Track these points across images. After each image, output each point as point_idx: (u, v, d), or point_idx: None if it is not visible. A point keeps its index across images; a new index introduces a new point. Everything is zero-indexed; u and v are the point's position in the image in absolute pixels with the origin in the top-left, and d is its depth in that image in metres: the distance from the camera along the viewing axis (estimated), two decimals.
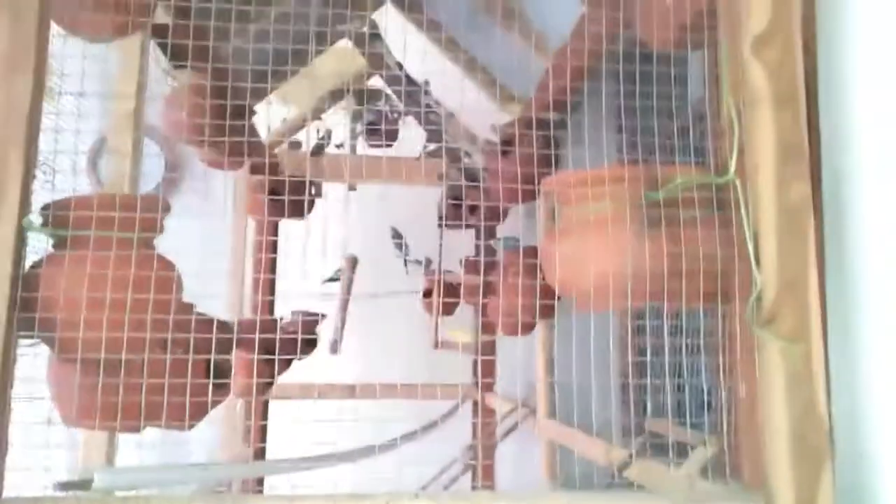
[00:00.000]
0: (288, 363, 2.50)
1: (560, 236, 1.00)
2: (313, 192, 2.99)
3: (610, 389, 1.99)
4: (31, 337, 0.90)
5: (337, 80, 3.74)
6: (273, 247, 2.95)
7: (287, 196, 2.66)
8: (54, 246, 0.93)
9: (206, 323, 1.00)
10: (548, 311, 2.03)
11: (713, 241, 0.98)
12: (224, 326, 1.10)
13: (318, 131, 3.43)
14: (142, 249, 0.92)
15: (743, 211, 0.94)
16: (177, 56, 1.64)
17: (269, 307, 2.90)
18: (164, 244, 1.02)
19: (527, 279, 1.97)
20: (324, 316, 2.87)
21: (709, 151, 1.15)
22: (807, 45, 1.04)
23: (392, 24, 2.96)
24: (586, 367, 1.17)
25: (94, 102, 1.32)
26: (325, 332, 2.54)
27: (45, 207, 0.92)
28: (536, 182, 2.21)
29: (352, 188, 3.79)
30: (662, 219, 0.95)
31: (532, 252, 2.16)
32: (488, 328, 2.73)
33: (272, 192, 2.72)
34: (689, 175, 0.98)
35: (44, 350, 0.94)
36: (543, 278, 1.02)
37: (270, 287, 2.87)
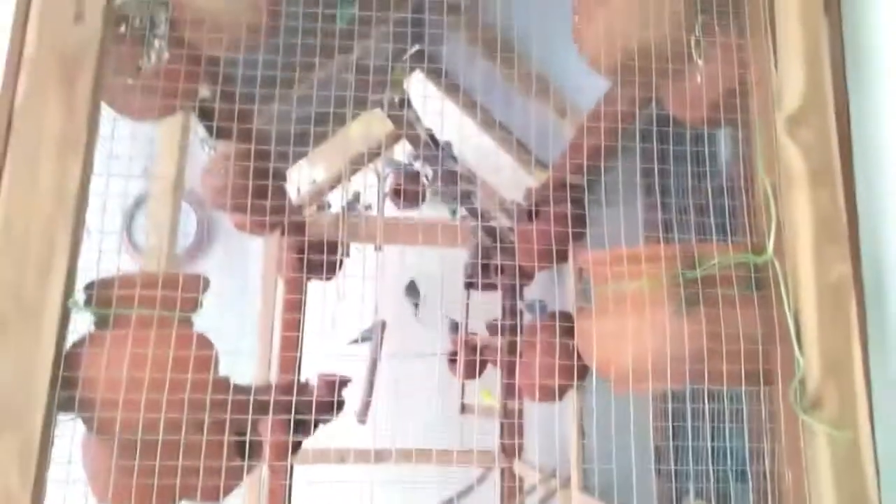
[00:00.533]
0: (314, 426, 2.48)
1: (597, 315, 0.99)
2: (341, 253, 3.02)
3: (650, 471, 1.94)
4: (71, 416, 0.91)
5: (365, 143, 3.81)
6: (300, 306, 2.97)
7: (313, 256, 2.70)
8: (96, 324, 0.94)
9: (242, 398, 1.00)
10: (580, 377, 2.01)
11: (752, 321, 0.96)
12: (260, 397, 1.10)
13: (346, 193, 3.48)
14: (182, 328, 0.93)
15: (783, 291, 0.93)
16: (216, 128, 1.69)
17: (297, 367, 2.90)
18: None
19: (560, 344, 1.96)
20: (350, 379, 2.86)
21: (739, 228, 1.15)
22: (839, 118, 1.04)
23: (423, 88, 3.03)
24: (625, 443, 1.15)
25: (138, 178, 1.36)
26: (352, 397, 2.53)
27: (89, 286, 0.94)
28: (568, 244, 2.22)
29: (378, 249, 3.82)
30: (701, 298, 0.94)
31: (564, 317, 2.16)
32: (518, 393, 2.70)
33: (301, 252, 2.75)
34: (727, 254, 0.97)
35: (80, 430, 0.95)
36: (579, 357, 1.01)
37: (297, 347, 2.88)
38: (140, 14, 1.05)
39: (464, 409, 2.87)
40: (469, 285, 2.94)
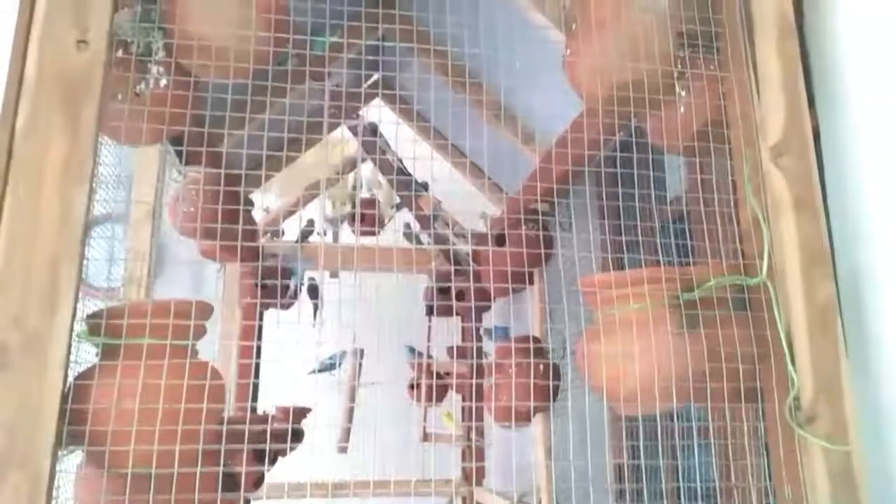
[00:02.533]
0: (273, 459, 2.43)
1: (604, 337, 1.02)
2: (299, 280, 3.00)
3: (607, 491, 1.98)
4: (75, 449, 0.88)
5: (321, 169, 3.79)
6: (258, 334, 2.92)
7: (270, 282, 2.67)
8: (102, 355, 0.92)
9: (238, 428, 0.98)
10: (545, 399, 2.05)
11: (747, 341, 1.01)
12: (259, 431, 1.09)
13: (301, 220, 3.45)
14: (193, 357, 0.91)
15: (776, 311, 0.98)
16: (186, 156, 1.67)
17: (254, 395, 2.84)
18: None
19: (524, 367, 1.99)
20: (309, 409, 2.82)
21: (719, 251, 1.21)
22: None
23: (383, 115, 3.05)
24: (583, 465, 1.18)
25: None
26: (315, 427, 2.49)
27: (95, 315, 0.91)
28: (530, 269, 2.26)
29: (333, 276, 3.79)
30: (700, 318, 0.99)
31: (525, 339, 2.19)
32: (478, 416, 2.71)
33: (256, 278, 2.71)
34: (722, 276, 1.02)
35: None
36: (588, 381, 1.04)
37: (255, 375, 2.82)
38: (137, 39, 1.04)
39: (426, 436, 2.86)
40: (430, 310, 2.95)
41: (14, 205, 0.88)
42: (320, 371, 3.36)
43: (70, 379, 0.89)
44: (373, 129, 2.31)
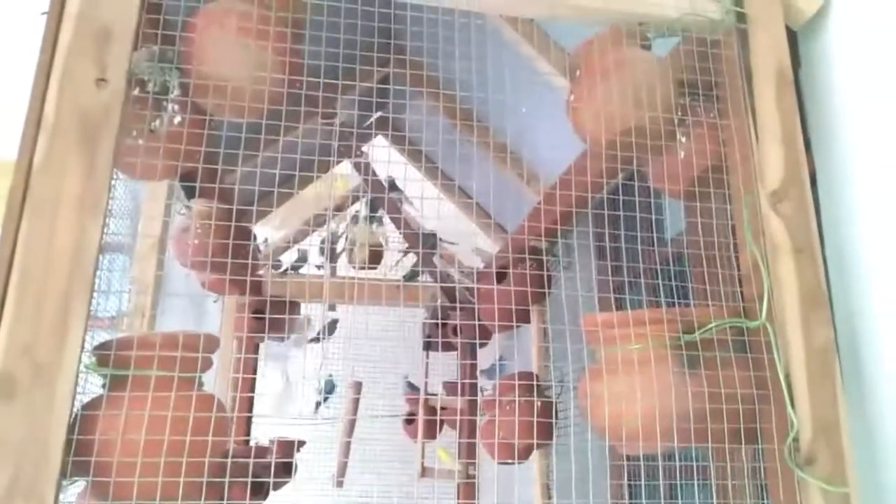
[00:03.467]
0: (265, 493, 2.41)
1: (607, 376, 1.04)
2: (296, 312, 3.01)
3: None
4: (77, 480, 0.89)
5: (319, 203, 3.82)
6: (253, 366, 2.91)
7: (270, 315, 2.67)
8: (109, 386, 0.92)
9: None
10: (545, 436, 2.04)
11: (746, 382, 1.02)
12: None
13: (298, 253, 3.46)
14: (199, 389, 0.92)
15: (776, 354, 1.00)
16: (192, 190, 1.70)
17: (247, 428, 2.83)
18: None
19: (525, 403, 1.99)
20: (304, 442, 2.80)
21: (718, 294, 1.23)
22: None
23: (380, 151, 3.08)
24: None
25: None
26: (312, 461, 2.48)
27: (103, 346, 0.92)
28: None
29: (331, 309, 3.79)
30: (701, 359, 1.00)
31: (527, 376, 2.19)
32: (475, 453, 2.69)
33: (255, 311, 2.72)
34: (722, 318, 1.04)
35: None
36: (589, 419, 1.05)
37: (249, 407, 2.81)
38: (153, 77, 1.07)
39: (424, 472, 2.84)
40: (428, 345, 2.95)
41: (29, 238, 0.90)
42: (325, 400, 3.35)
43: (76, 409, 0.90)
44: (391, 184, 2.34)
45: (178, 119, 1.08)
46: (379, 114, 2.99)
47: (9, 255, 0.89)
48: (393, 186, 2.59)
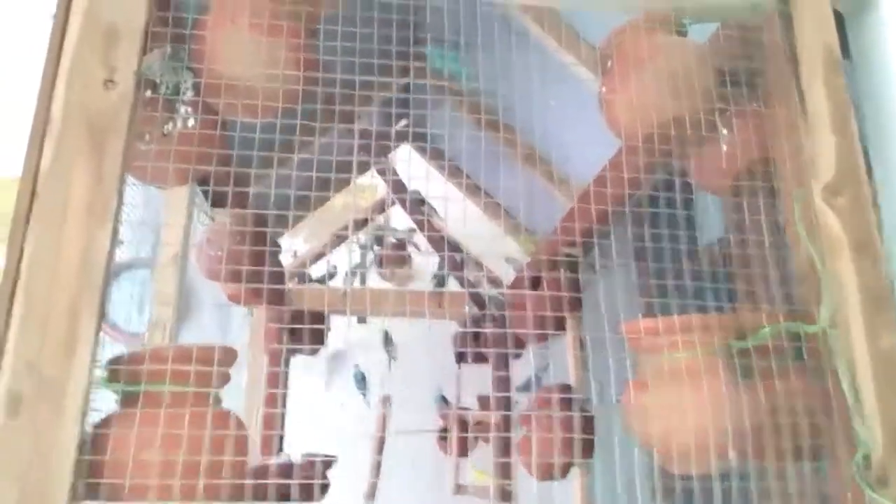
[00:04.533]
0: None
1: (652, 388, 0.96)
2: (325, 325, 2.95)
3: None
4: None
5: (349, 214, 3.78)
6: (285, 381, 2.87)
7: (298, 326, 2.63)
8: (122, 402, 0.87)
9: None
10: (586, 452, 1.95)
11: (806, 393, 0.94)
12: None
13: (328, 264, 3.43)
14: (216, 405, 0.86)
15: (839, 362, 0.91)
16: (215, 198, 1.65)
17: (279, 444, 2.78)
18: None
19: (563, 417, 1.90)
20: (335, 458, 2.74)
21: (765, 296, 1.14)
22: None
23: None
24: None
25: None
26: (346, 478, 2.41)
27: (115, 361, 0.88)
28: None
29: (361, 321, 3.74)
30: (755, 368, 0.92)
31: (566, 389, 2.11)
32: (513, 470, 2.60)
33: (283, 323, 2.67)
34: (777, 322, 0.95)
35: None
36: (634, 434, 0.97)
37: (280, 423, 2.76)
38: (166, 79, 1.02)
39: (458, 489, 2.76)
40: (460, 357, 2.88)
41: (36, 246, 0.86)
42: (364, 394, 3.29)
43: (87, 429, 0.85)
44: (420, 200, 2.29)
45: (191, 121, 1.04)
46: (404, 122, 2.94)
47: (15, 265, 0.85)
48: (420, 200, 2.53)
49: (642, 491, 1.18)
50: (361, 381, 3.70)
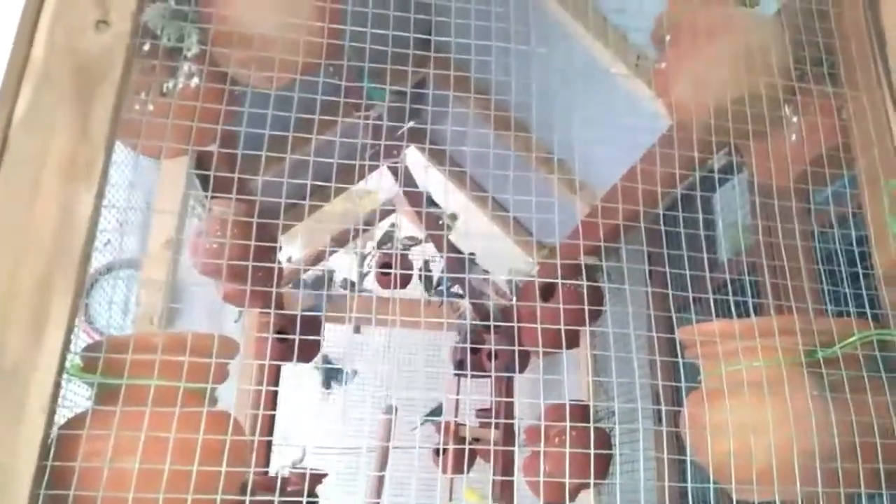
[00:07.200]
0: None
1: (709, 400, 0.82)
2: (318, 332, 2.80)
3: None
4: None
5: (347, 220, 3.65)
6: (274, 392, 2.72)
7: (290, 335, 2.48)
8: (98, 397, 0.73)
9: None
10: (600, 473, 1.81)
11: (889, 409, 0.80)
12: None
13: (325, 271, 3.29)
14: (212, 405, 0.72)
15: None
16: (213, 186, 1.51)
17: (267, 456, 2.63)
18: None
19: (576, 433, 1.76)
20: (325, 474, 2.59)
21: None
22: None
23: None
24: None
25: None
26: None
27: (92, 348, 0.73)
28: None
29: (356, 331, 3.59)
30: (845, 381, 0.78)
31: (581, 406, 1.96)
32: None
33: (279, 331, 2.52)
34: (867, 330, 0.82)
35: None
36: (696, 455, 0.83)
37: (269, 433, 2.61)
38: (169, 32, 0.89)
39: None
40: (459, 368, 2.73)
41: (3, 207, 0.72)
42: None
43: (54, 429, 0.70)
44: (429, 200, 2.15)
45: (194, 80, 0.90)
46: (412, 123, 2.82)
47: None
48: (430, 202, 2.41)
49: None
50: (336, 376, 3.56)
